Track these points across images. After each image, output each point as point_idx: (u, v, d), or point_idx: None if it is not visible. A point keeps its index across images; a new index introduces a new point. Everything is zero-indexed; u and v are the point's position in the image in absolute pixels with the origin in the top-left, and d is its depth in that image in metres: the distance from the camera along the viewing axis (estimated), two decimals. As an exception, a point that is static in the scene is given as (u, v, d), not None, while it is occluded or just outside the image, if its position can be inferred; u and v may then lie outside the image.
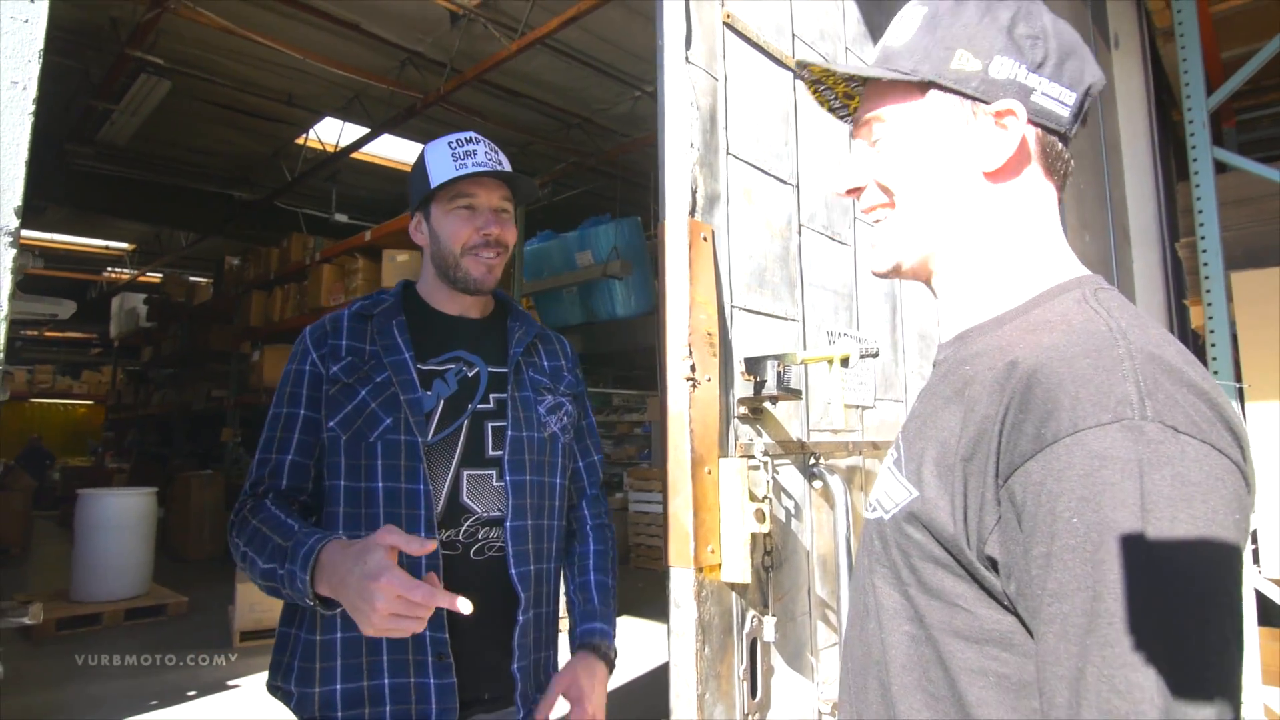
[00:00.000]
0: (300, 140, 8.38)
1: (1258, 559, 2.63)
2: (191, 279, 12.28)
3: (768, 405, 1.68)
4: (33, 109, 0.68)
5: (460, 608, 1.01)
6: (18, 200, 0.66)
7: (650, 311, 5.41)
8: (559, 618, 1.49)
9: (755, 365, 1.60)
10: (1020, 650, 0.62)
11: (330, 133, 8.19)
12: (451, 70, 6.40)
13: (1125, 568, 0.53)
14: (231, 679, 4.73)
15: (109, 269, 14.11)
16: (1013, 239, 0.75)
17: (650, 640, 5.62)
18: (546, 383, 1.47)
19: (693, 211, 1.53)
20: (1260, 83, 4.06)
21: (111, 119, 7.15)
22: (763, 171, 1.78)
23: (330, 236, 7.91)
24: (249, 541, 1.23)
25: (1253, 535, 2.64)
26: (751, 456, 1.59)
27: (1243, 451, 0.58)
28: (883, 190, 0.79)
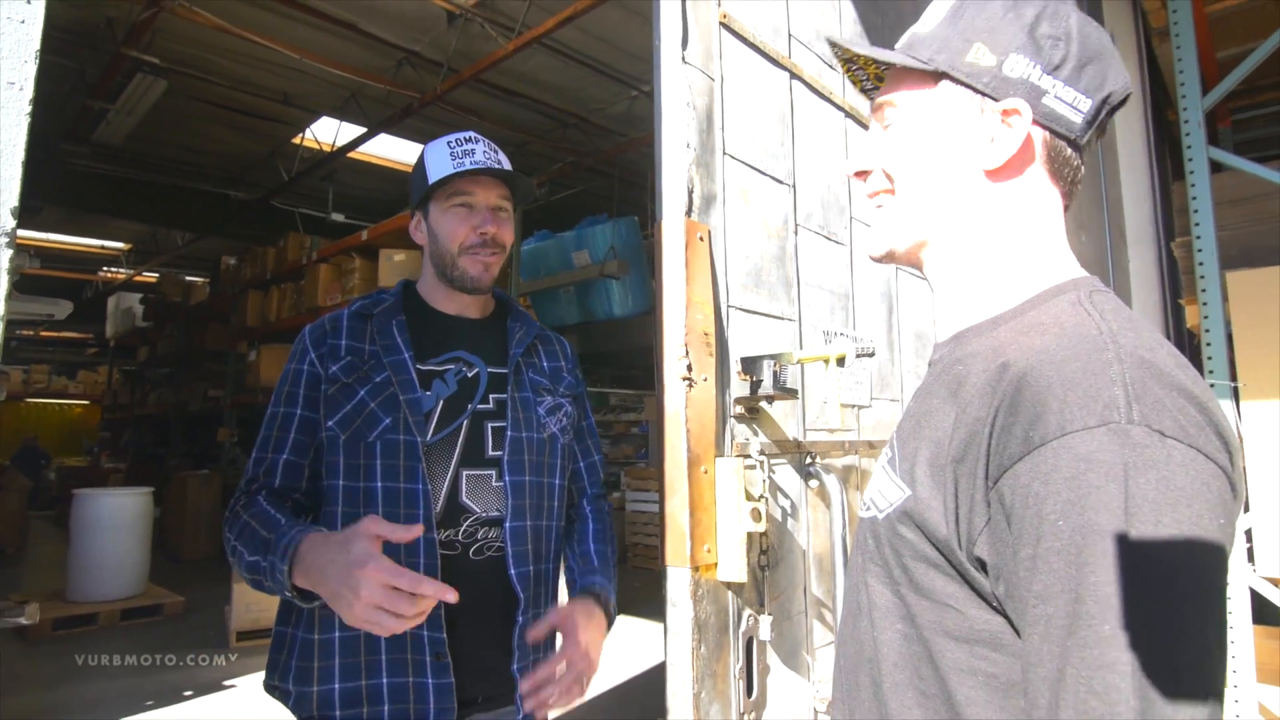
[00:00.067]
0: (297, 140, 8.36)
1: (1252, 557, 2.64)
2: (188, 279, 12.24)
3: (764, 405, 1.68)
4: (29, 110, 0.68)
5: (448, 597, 1.01)
6: (14, 201, 0.66)
7: (647, 311, 5.40)
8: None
9: (751, 365, 1.60)
10: (1009, 650, 0.62)
11: (327, 132, 8.17)
12: (448, 70, 6.39)
13: (1107, 571, 0.53)
14: (228, 679, 4.73)
15: (105, 269, 14.08)
16: (1010, 239, 0.75)
17: (647, 639, 5.62)
18: (546, 383, 1.47)
19: (689, 211, 1.53)
20: (1255, 82, 4.06)
21: (107, 118, 7.13)
22: (759, 171, 1.78)
23: (327, 236, 7.89)
24: (238, 535, 1.23)
25: (1247, 534, 2.65)
26: (748, 456, 1.59)
27: (1231, 457, 0.58)
28: (886, 175, 0.79)
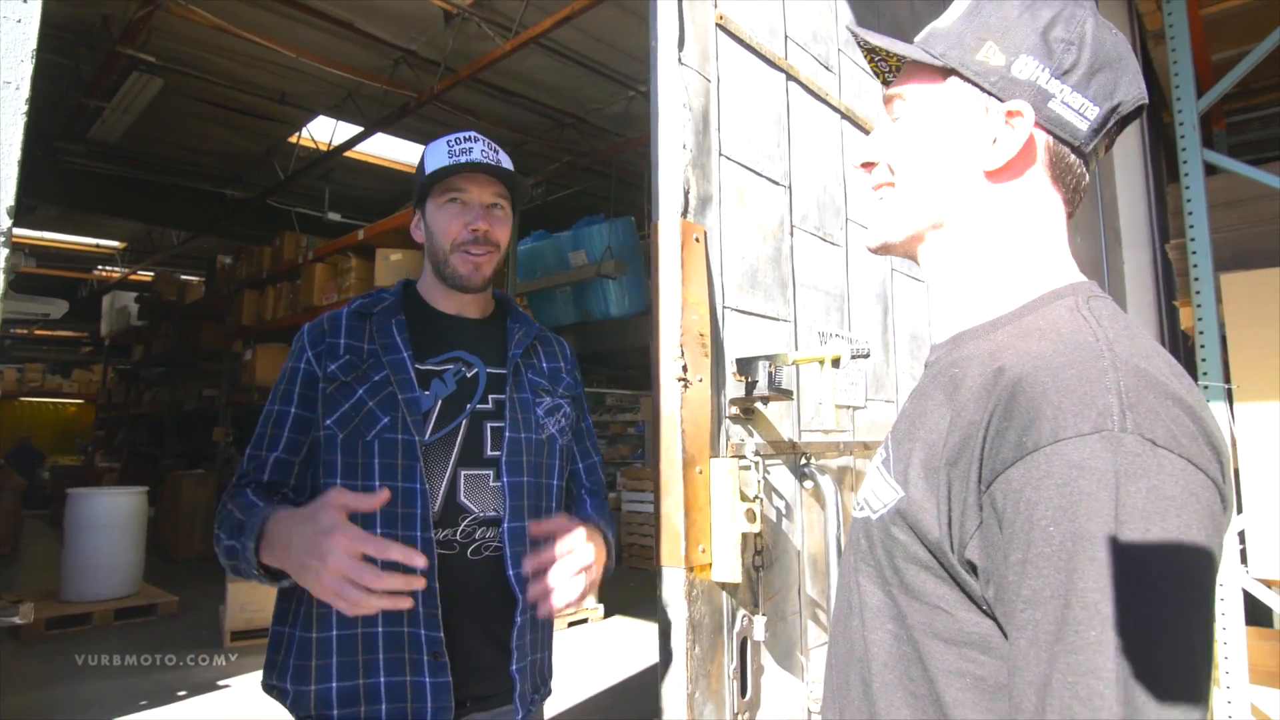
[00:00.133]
0: (293, 139, 8.35)
1: (1245, 559, 2.65)
2: (183, 277, 12.21)
3: (759, 405, 1.69)
4: (26, 109, 0.68)
5: (415, 561, 1.01)
6: (10, 200, 0.66)
7: (644, 311, 5.41)
8: (554, 618, 1.50)
9: (747, 366, 1.60)
10: (997, 653, 0.63)
11: (323, 131, 8.16)
12: (445, 69, 6.39)
13: (1096, 578, 0.53)
14: (222, 679, 4.72)
15: (100, 267, 14.04)
16: (1009, 241, 0.74)
17: (642, 639, 5.63)
18: (545, 384, 1.47)
19: (685, 212, 1.53)
20: (1250, 85, 4.08)
21: (103, 117, 7.11)
22: (755, 173, 1.79)
23: (323, 235, 7.87)
24: (220, 524, 1.24)
25: (1240, 535, 2.66)
26: (743, 457, 1.59)
27: (1222, 469, 0.58)
28: (889, 168, 0.79)
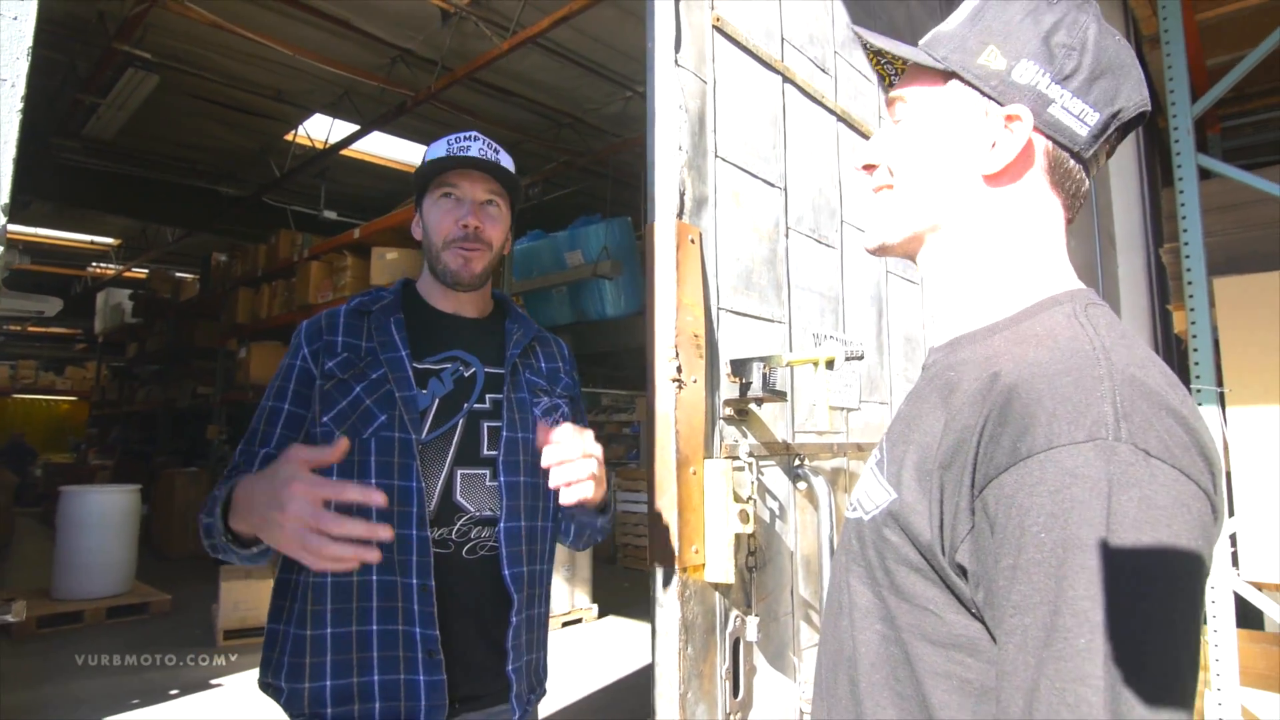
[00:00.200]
0: (289, 136, 8.33)
1: (1237, 562, 2.67)
2: (178, 275, 12.16)
3: (753, 407, 1.69)
4: (21, 106, 0.68)
5: (374, 499, 1.00)
6: (5, 198, 0.66)
7: (640, 312, 5.41)
8: (549, 618, 1.50)
9: (741, 367, 1.61)
10: (985, 657, 0.63)
11: (319, 129, 8.14)
12: (442, 68, 6.38)
13: (1086, 585, 0.54)
14: (215, 678, 4.70)
15: (94, 264, 13.98)
16: (1007, 245, 0.75)
17: (635, 640, 5.63)
18: (543, 384, 1.47)
19: (680, 214, 1.54)
20: (1244, 90, 4.10)
21: (98, 113, 7.08)
22: (751, 174, 1.79)
23: (319, 233, 7.84)
24: (203, 508, 1.23)
25: (1232, 538, 2.68)
26: (736, 458, 1.60)
27: (1214, 480, 0.59)
28: (889, 170, 0.79)
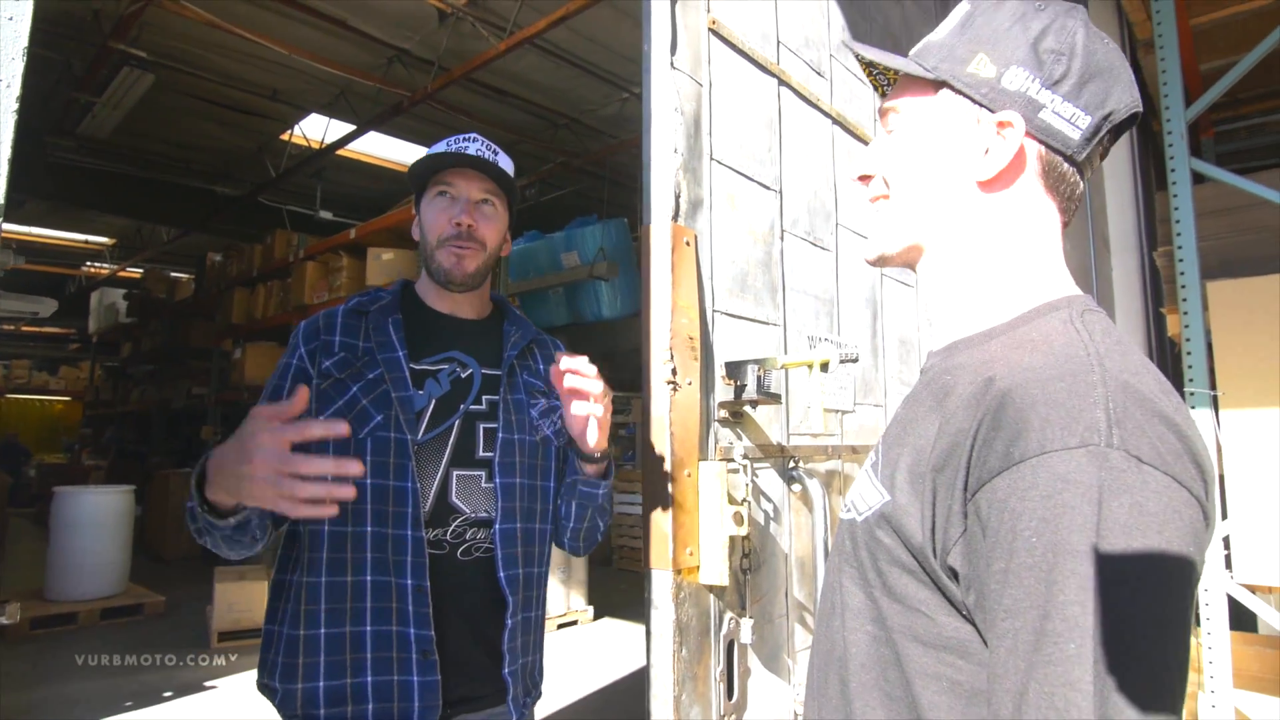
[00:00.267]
0: (285, 136, 8.32)
1: (1230, 565, 2.67)
2: (173, 275, 12.15)
3: (748, 409, 1.69)
4: (16, 107, 0.68)
5: (338, 429, 0.99)
6: (0, 198, 0.66)
7: (636, 313, 5.41)
8: (545, 621, 1.50)
9: (736, 369, 1.61)
10: (975, 659, 0.63)
11: (316, 129, 8.13)
12: (439, 68, 6.38)
13: (1076, 590, 0.54)
14: (209, 680, 4.69)
15: (88, 263, 13.94)
16: (1004, 251, 0.75)
17: (630, 641, 5.63)
18: (540, 386, 1.47)
19: (676, 216, 1.54)
20: (1238, 95, 4.13)
21: (93, 112, 7.07)
22: (746, 177, 1.79)
23: (314, 234, 7.85)
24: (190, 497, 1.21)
25: (1225, 541, 2.68)
26: (731, 460, 1.60)
27: (1206, 487, 0.59)
28: (884, 181, 0.80)
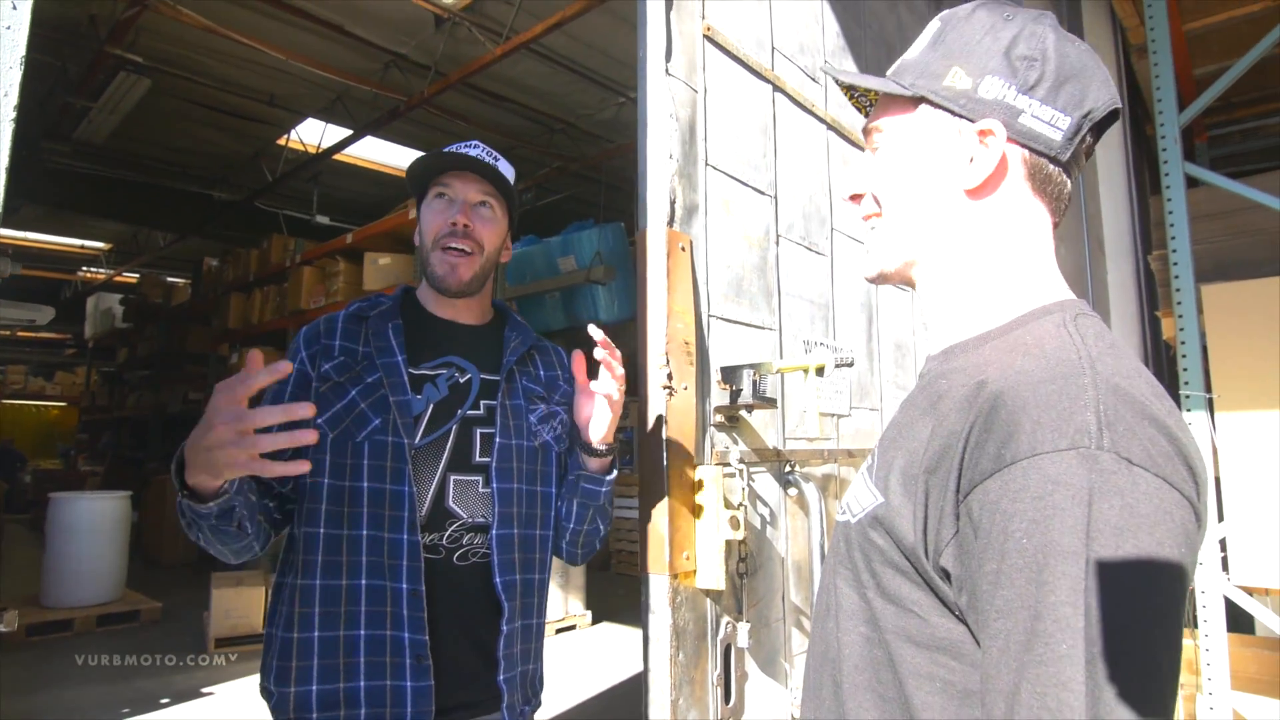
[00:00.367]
0: (282, 141, 8.31)
1: (1227, 566, 2.68)
2: (169, 280, 12.12)
3: (744, 413, 1.70)
4: (14, 115, 0.69)
5: (283, 367, 0.99)
6: (-3, 207, 0.66)
7: (634, 317, 5.42)
8: (544, 629, 1.49)
9: (731, 374, 1.61)
10: (968, 660, 0.64)
11: (312, 134, 8.13)
12: (435, 73, 6.39)
13: (1066, 591, 0.55)
14: (206, 686, 4.67)
15: (84, 268, 13.90)
16: (996, 256, 0.76)
17: (629, 646, 5.62)
18: (540, 391, 1.47)
19: (671, 221, 1.55)
20: (1231, 99, 4.15)
21: (89, 117, 7.06)
22: (741, 183, 1.80)
23: (311, 238, 7.83)
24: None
25: (1221, 543, 2.69)
26: (727, 464, 1.60)
27: (1198, 489, 0.59)
28: (875, 199, 0.81)
